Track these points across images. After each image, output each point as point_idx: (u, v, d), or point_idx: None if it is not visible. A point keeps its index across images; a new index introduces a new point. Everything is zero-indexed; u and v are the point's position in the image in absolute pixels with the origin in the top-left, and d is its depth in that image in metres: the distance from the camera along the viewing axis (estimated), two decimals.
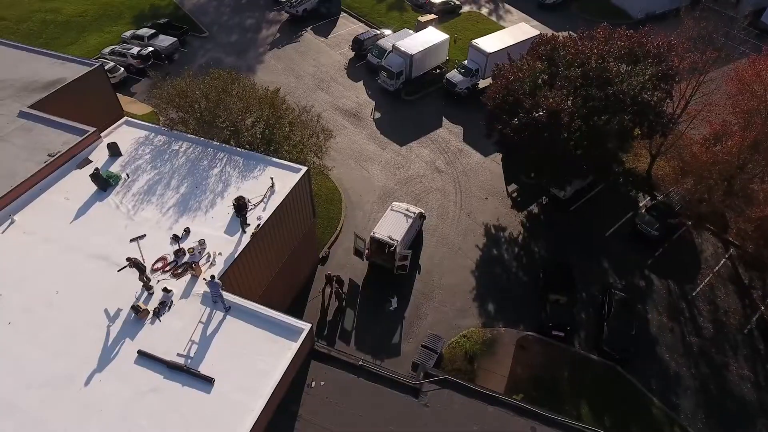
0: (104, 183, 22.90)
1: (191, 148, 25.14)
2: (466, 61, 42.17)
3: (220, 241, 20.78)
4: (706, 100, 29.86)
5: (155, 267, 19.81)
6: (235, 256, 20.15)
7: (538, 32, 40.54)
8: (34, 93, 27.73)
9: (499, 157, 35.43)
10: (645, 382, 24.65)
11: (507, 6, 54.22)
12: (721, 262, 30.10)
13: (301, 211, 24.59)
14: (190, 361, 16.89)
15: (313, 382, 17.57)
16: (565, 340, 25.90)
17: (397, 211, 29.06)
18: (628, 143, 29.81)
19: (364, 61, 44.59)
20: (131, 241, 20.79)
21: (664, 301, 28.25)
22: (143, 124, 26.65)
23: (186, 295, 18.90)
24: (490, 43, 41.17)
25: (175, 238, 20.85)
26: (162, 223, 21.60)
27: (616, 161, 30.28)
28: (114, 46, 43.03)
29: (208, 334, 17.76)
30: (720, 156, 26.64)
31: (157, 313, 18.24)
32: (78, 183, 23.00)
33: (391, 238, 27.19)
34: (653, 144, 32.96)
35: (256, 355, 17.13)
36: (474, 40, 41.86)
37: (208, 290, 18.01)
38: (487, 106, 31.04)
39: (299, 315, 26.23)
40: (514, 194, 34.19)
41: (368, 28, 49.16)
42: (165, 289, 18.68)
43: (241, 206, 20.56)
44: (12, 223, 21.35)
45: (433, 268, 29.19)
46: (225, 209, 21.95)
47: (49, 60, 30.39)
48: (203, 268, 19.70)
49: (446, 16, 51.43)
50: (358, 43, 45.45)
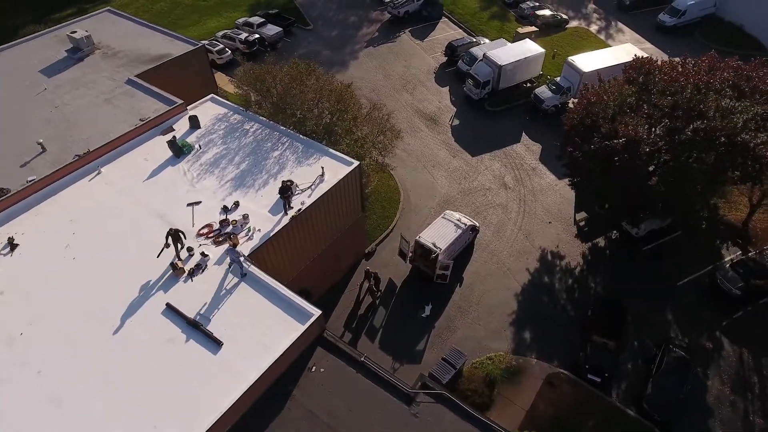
0: (178, 150, 25.27)
1: (260, 130, 26.84)
2: (559, 78, 40.23)
3: (263, 219, 22.02)
4: None
5: (201, 232, 21.52)
6: (271, 234, 21.25)
7: (646, 56, 37.48)
8: (143, 64, 31.28)
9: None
10: None
11: (620, 25, 50.69)
12: None
13: (347, 204, 25.19)
14: (207, 322, 18.15)
15: (314, 367, 18.05)
16: (601, 387, 23.86)
17: (448, 220, 28.65)
18: (719, 187, 26.65)
19: (454, 68, 44.32)
20: (188, 205, 22.77)
21: (732, 370, 24.92)
22: (226, 103, 28.90)
23: (220, 262, 20.31)
24: (588, 62, 38.88)
25: (225, 209, 22.47)
26: (217, 194, 23.37)
27: (702, 205, 27.19)
28: (226, 31, 46.97)
29: (229, 301, 18.97)
30: None
31: (191, 274, 19.84)
32: (158, 147, 25.59)
33: (435, 245, 26.87)
34: (755, 193, 29.11)
35: (265, 330, 17.98)
36: (571, 57, 39.79)
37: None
38: (564, 126, 29.48)
39: (333, 303, 27.06)
40: (582, 223, 32.07)
41: (465, 35, 48.75)
42: (202, 254, 20.24)
43: (284, 188, 21.63)
44: (98, 173, 24.37)
45: (475, 284, 28.38)
46: (275, 190, 23.10)
47: (163, 37, 34.07)
48: (241, 241, 21.02)
49: (551, 30, 49.32)
50: (451, 49, 45.28)
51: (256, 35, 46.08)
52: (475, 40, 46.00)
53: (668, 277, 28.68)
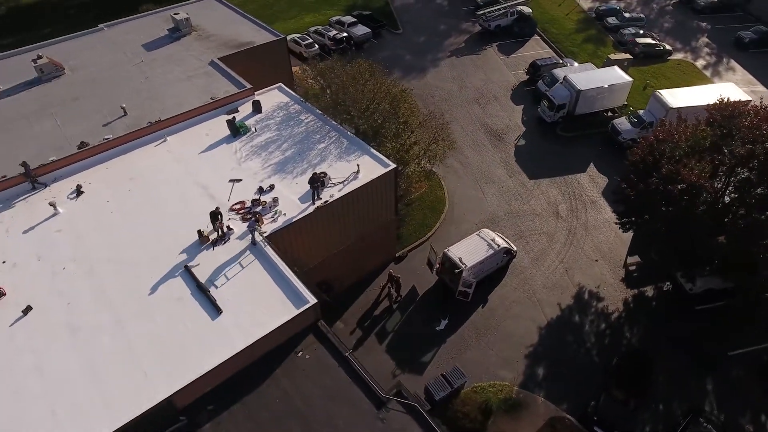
0: (236, 130, 27.22)
1: (313, 122, 28.09)
2: (642, 111, 37.57)
3: (291, 205, 23.12)
4: None
5: (233, 207, 23.08)
6: (293, 220, 22.27)
7: (749, 99, 33.85)
8: (228, 48, 33.98)
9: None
10: None
11: (733, 63, 46.17)
12: None
13: (378, 204, 25.59)
14: (215, 289, 19.51)
15: (301, 353, 18.68)
16: None
17: (482, 238, 28.02)
18: None
19: (533, 87, 42.99)
20: (230, 181, 24.50)
21: None
22: (290, 93, 30.56)
23: (242, 237, 21.65)
24: (678, 98, 35.91)
25: (260, 190, 23.89)
26: (258, 175, 24.89)
27: None
28: (319, 27, 49.34)
29: (239, 275, 20.21)
30: None
31: (214, 243, 21.40)
32: (220, 125, 27.71)
33: (462, 261, 26.43)
34: None
35: (263, 307, 18.94)
36: (659, 90, 36.97)
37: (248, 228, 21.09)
38: (626, 161, 27.62)
39: (353, 299, 27.54)
40: (633, 268, 29.76)
41: (554, 56, 47.05)
42: (228, 227, 21.72)
43: (314, 179, 22.56)
44: (164, 141, 26.97)
45: (499, 308, 27.46)
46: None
47: (252, 26, 36.72)
48: (266, 221, 22.26)
49: (650, 60, 46.13)
50: (534, 68, 43.98)
51: (344, 34, 47.92)
52: (561, 62, 44.30)
53: (719, 344, 25.77)
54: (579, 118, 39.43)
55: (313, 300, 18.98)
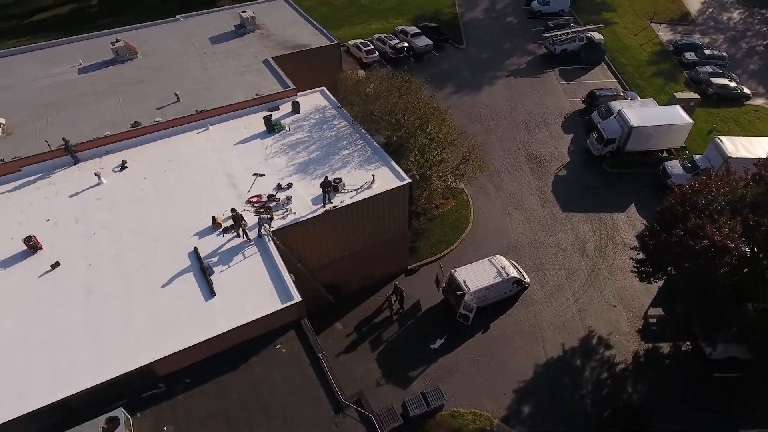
0: (271, 127, 28.83)
1: (344, 128, 29.12)
2: (699, 157, 35.29)
3: (303, 205, 24.24)
4: None
5: (250, 199, 24.57)
6: (300, 219, 23.36)
7: None
8: (284, 49, 35.87)
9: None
10: None
11: None
12: None
13: (389, 216, 26.11)
14: (214, 273, 20.99)
15: (279, 346, 19.69)
16: None
17: (493, 264, 27.74)
18: None
19: (588, 117, 41.58)
20: (254, 174, 26.06)
21: None
22: (330, 97, 31.80)
23: (251, 228, 23.02)
24: (740, 147, 33.56)
25: (278, 187, 25.23)
26: (281, 172, 26.27)
27: None
28: (383, 35, 50.49)
29: (239, 264, 21.57)
30: None
31: (225, 231, 22.94)
32: (258, 120, 29.42)
33: (466, 284, 26.36)
34: None
35: (252, 298, 20.16)
36: (721, 137, 34.58)
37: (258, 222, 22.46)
38: (657, 208, 26.30)
39: (356, 303, 28.18)
40: (653, 320, 28.17)
41: (617, 87, 45.16)
42: (240, 217, 23.18)
43: (325, 183, 23.52)
44: (206, 129, 29.11)
45: (499, 337, 27.08)
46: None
47: (312, 30, 38.44)
48: (276, 217, 23.52)
49: (724, 102, 43.06)
50: (591, 97, 42.54)
51: (405, 44, 48.70)
52: (622, 94, 42.48)
53: (730, 420, 23.88)
54: (629, 155, 37.73)
55: (298, 298, 19.92)
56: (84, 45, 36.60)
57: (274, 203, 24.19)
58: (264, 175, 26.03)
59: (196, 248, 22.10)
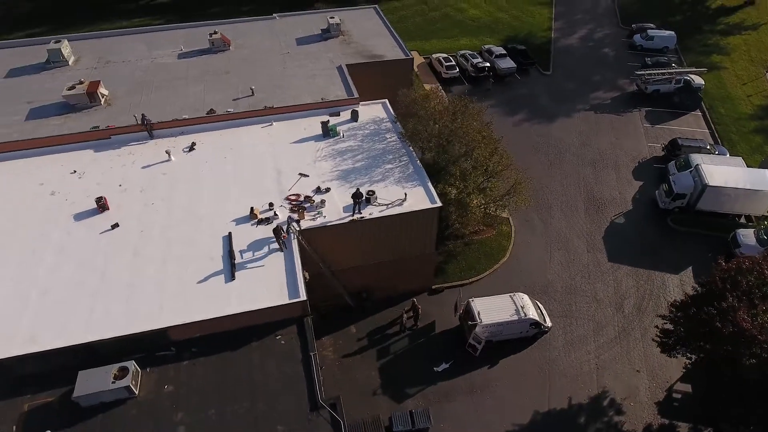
0: (327, 131, 30.66)
1: (394, 142, 30.21)
2: None
3: (334, 210, 25.72)
4: None
5: (289, 197, 26.49)
6: (328, 224, 24.86)
7: None
8: (359, 57, 37.63)
9: None
10: None
11: None
12: None
13: (416, 235, 26.80)
14: (239, 259, 23.13)
15: (279, 337, 21.36)
16: None
17: (513, 302, 27.46)
18: None
19: (664, 166, 39.10)
20: (299, 174, 28.01)
21: None
22: (389, 110, 32.94)
23: (283, 224, 24.89)
24: None
25: (317, 189, 26.93)
26: (324, 176, 27.95)
27: None
28: (468, 52, 50.67)
29: (262, 255, 23.53)
30: None
31: (259, 222, 25.05)
32: (317, 124, 31.34)
33: (479, 315, 26.45)
34: None
35: (263, 288, 22.00)
36: None
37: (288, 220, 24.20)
38: (698, 280, 24.66)
39: (376, 311, 29.14)
40: (677, 396, 26.36)
41: (706, 138, 41.83)
42: (275, 213, 25.18)
43: (357, 194, 24.82)
44: (269, 125, 31.59)
45: (505, 375, 26.81)
46: (363, 193, 26.38)
47: (391, 42, 39.83)
48: (307, 217, 25.24)
49: None
50: (673, 145, 39.91)
51: (487, 64, 48.56)
52: (708, 147, 39.33)
53: None
54: (700, 214, 35.07)
55: (303, 297, 21.46)
56: (188, 33, 40.85)
57: (309, 204, 25.91)
58: (308, 176, 27.87)
59: (230, 234, 24.41)
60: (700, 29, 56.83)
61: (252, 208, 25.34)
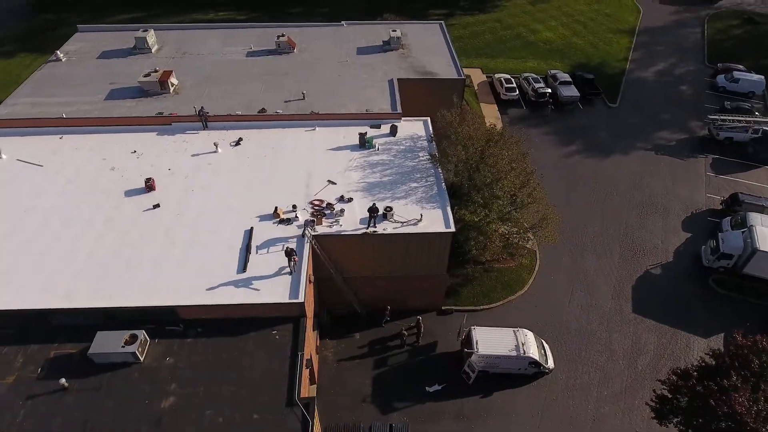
0: (363, 143, 31.91)
1: (425, 161, 30.87)
2: None
3: (352, 220, 26.91)
4: None
5: (313, 201, 28.01)
6: (342, 233, 26.11)
7: None
8: (413, 72, 38.54)
9: None
10: None
11: None
12: None
13: (427, 256, 27.38)
14: (255, 253, 24.99)
15: (275, 332, 22.94)
16: None
17: (515, 337, 27.30)
18: None
19: (718, 220, 36.66)
20: (327, 180, 29.49)
21: None
22: (428, 129, 33.59)
23: (302, 226, 26.43)
24: None
25: (341, 198, 28.26)
26: (350, 186, 29.21)
27: None
28: (531, 75, 49.90)
29: (275, 252, 25.17)
30: None
31: (281, 221, 26.79)
32: (356, 134, 32.65)
33: (476, 344, 26.62)
34: None
35: (268, 285, 23.65)
36: None
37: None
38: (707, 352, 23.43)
39: (383, 322, 30.11)
40: None
41: None
42: (296, 215, 26.80)
43: (372, 209, 25.88)
44: (313, 130, 33.36)
45: (495, 407, 26.77)
46: (380, 206, 27.33)
47: (447, 60, 40.41)
48: (324, 223, 26.64)
49: None
50: (733, 200, 37.32)
51: (549, 90, 47.63)
52: None
53: None
54: (747, 279, 32.66)
55: (301, 300, 22.85)
56: (262, 32, 43.74)
57: (329, 211, 27.30)
58: (335, 184, 29.27)
59: (252, 228, 26.36)
60: None
61: (276, 208, 27.13)
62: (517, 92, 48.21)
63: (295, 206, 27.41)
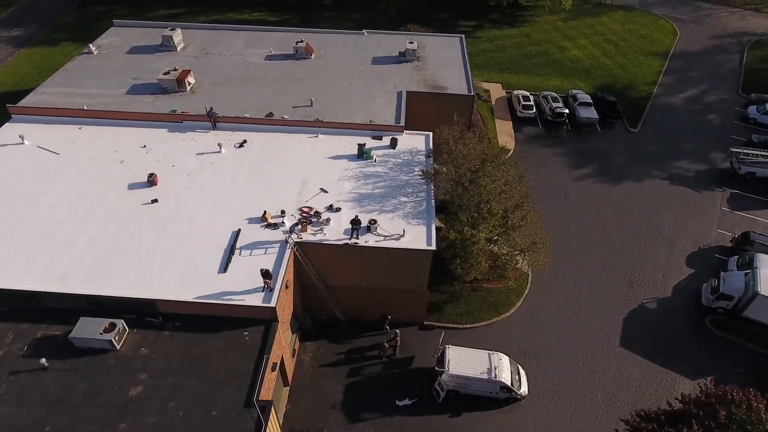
0: (361, 154, 32.47)
1: (419, 176, 31.12)
2: None
3: (336, 230, 27.46)
4: None
5: (302, 208, 28.75)
6: (323, 242, 26.75)
7: None
8: (423, 86, 38.81)
9: None
10: None
11: None
12: None
13: (407, 271, 27.67)
14: (238, 255, 25.95)
15: (246, 333, 23.81)
16: None
17: (489, 359, 27.24)
18: None
19: (726, 259, 35.32)
20: (320, 189, 30.21)
21: None
22: (428, 144, 33.83)
23: (286, 232, 27.22)
24: None
25: (330, 207, 28.92)
26: (341, 195, 29.82)
27: None
28: (550, 93, 49.15)
29: (257, 256, 26.05)
30: None
31: (268, 225, 27.68)
32: (356, 144, 33.25)
33: (447, 364, 26.74)
34: None
35: (245, 287, 24.53)
36: None
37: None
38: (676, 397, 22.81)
39: (364, 331, 30.57)
40: None
41: None
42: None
43: (355, 221, 26.41)
44: (316, 137, 34.13)
45: (463, 427, 26.78)
46: (365, 220, 27.81)
47: (460, 74, 40.41)
48: (309, 231, 27.35)
49: None
50: (744, 239, 35.86)
51: (566, 110, 46.85)
52: None
53: None
54: (747, 323, 31.40)
55: (272, 305, 23.61)
56: (284, 36, 44.96)
57: (315, 219, 28.00)
58: (327, 192, 29.94)
59: (239, 230, 27.36)
60: None
61: (265, 212, 28.03)
62: (534, 110, 47.63)
63: (283, 212, 28.22)
